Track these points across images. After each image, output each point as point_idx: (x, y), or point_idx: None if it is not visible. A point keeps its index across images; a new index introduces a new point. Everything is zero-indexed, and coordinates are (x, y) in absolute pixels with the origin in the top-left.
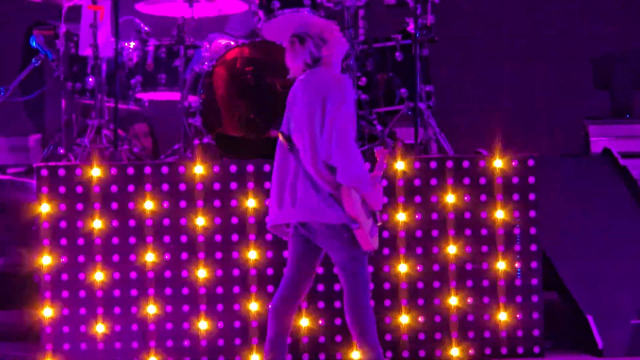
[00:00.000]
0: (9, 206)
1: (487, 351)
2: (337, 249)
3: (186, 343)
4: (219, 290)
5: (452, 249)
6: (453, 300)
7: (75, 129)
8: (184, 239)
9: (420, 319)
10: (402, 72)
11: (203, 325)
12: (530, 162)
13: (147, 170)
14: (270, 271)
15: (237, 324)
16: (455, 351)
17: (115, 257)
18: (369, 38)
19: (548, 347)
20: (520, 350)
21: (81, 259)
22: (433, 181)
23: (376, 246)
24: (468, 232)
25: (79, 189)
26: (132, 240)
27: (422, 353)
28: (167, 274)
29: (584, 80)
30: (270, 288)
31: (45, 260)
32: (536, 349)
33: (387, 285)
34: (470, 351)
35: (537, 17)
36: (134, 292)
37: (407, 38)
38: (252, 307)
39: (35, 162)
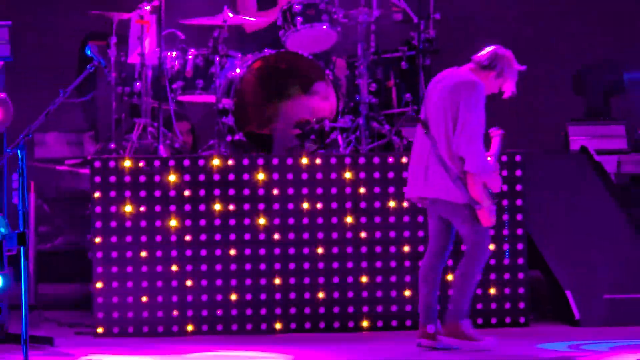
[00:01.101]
0: (66, 193)
1: (479, 321)
2: (460, 223)
3: (219, 312)
4: (247, 266)
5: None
6: (451, 278)
7: (124, 126)
8: (217, 222)
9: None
10: (407, 79)
11: (233, 297)
12: (518, 158)
13: (186, 162)
14: (291, 250)
15: (262, 296)
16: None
17: (158, 238)
18: (379, 50)
19: (532, 318)
20: (507, 320)
21: (128, 239)
22: None
23: (494, 222)
24: None
25: (127, 179)
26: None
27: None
28: (203, 252)
29: (564, 87)
30: (292, 265)
31: (97, 240)
32: (522, 319)
33: (393, 264)
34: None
35: (525, 33)
36: (174, 268)
37: (411, 50)
38: (276, 281)
39: (89, 155)
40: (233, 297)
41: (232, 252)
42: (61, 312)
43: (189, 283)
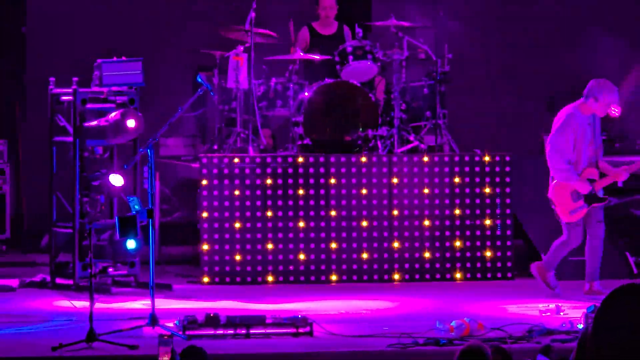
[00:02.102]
0: (182, 181)
1: (478, 275)
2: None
3: (291, 267)
4: (312, 235)
5: (457, 211)
6: (458, 244)
7: (224, 133)
8: (290, 202)
9: (437, 254)
10: (428, 101)
11: (302, 256)
12: (507, 158)
13: (268, 159)
14: (344, 223)
15: (322, 256)
16: (458, 275)
17: (247, 213)
18: (408, 80)
19: (516, 273)
20: (499, 275)
21: (226, 214)
22: (446, 169)
23: (574, 220)
24: (468, 200)
25: (225, 171)
26: (258, 203)
27: (437, 275)
28: (280, 224)
29: (541, 106)
30: (344, 234)
31: (204, 214)
32: (509, 275)
33: (416, 233)
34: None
35: (514, 63)
36: (259, 235)
37: (431, 80)
38: (332, 246)
39: (199, 154)
40: (301, 256)
41: (301, 224)
42: (177, 266)
43: (269, 246)
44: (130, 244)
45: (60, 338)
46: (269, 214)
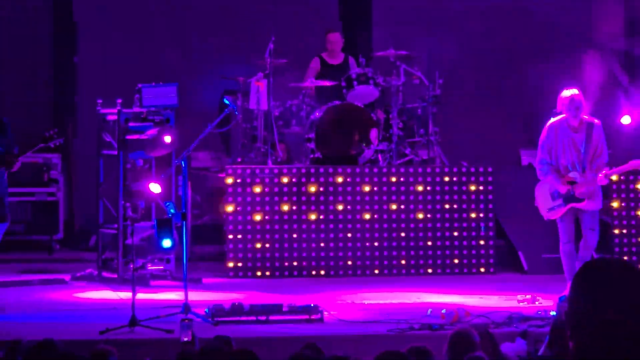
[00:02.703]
0: (210, 189)
1: (465, 270)
2: None
3: (304, 263)
4: (322, 235)
5: (447, 215)
6: (447, 242)
7: (247, 148)
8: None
9: (429, 252)
10: (421, 121)
11: (312, 253)
12: (490, 169)
13: (285, 170)
14: (349, 224)
15: (331, 254)
16: (448, 269)
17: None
18: (405, 101)
19: (497, 269)
20: (482, 269)
21: (248, 217)
22: (437, 179)
23: (553, 217)
24: (456, 205)
25: (248, 179)
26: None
27: (430, 270)
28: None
29: (518, 125)
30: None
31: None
32: (491, 270)
33: (412, 233)
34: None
35: (496, 87)
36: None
37: (424, 102)
38: (340, 245)
39: (225, 165)
40: (312, 253)
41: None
42: (206, 263)
43: (286, 245)
44: (166, 243)
45: (107, 323)
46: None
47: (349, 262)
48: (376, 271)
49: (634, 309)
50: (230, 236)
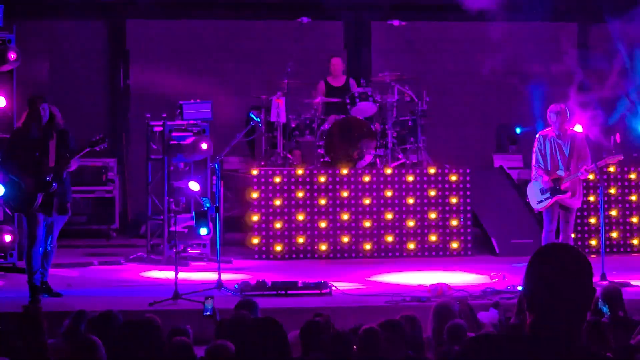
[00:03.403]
0: (239, 186)
1: (447, 253)
2: None
3: (316, 247)
4: (331, 224)
5: (433, 207)
6: (433, 230)
7: (269, 153)
8: (315, 200)
9: (418, 238)
10: (412, 131)
11: (323, 243)
12: (467, 170)
13: (300, 172)
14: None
15: (338, 239)
16: (433, 252)
17: (285, 209)
18: (398, 115)
19: (473, 252)
20: (462, 252)
21: (270, 209)
22: (425, 178)
23: (540, 209)
24: (440, 200)
25: (270, 179)
26: (293, 202)
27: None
28: (308, 210)
29: (492, 133)
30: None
31: (256, 207)
32: (469, 253)
33: (401, 219)
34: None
35: (473, 102)
36: (296, 221)
37: (414, 115)
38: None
39: (251, 168)
40: (323, 243)
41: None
42: (235, 247)
43: (301, 232)
44: (203, 231)
45: (154, 296)
46: (301, 213)
47: (353, 246)
48: (375, 254)
49: (577, 286)
50: (256, 225)
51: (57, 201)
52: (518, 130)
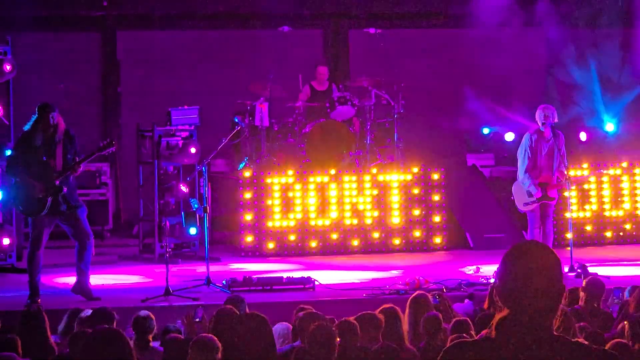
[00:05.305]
0: (225, 188)
1: (425, 248)
2: None
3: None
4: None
5: (409, 205)
6: (412, 227)
7: (254, 155)
8: (298, 201)
9: (398, 234)
10: (388, 132)
11: (314, 238)
12: (442, 169)
13: (283, 172)
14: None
15: (320, 236)
16: (410, 247)
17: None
18: (375, 118)
19: (451, 247)
20: (438, 248)
21: (262, 206)
22: (402, 177)
23: (525, 210)
24: (417, 198)
25: (255, 180)
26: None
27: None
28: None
29: (464, 136)
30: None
31: (244, 205)
32: (445, 247)
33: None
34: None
35: (446, 107)
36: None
37: (390, 118)
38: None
39: (237, 169)
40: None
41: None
42: (223, 245)
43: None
44: (192, 230)
45: (147, 293)
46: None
47: (335, 242)
48: (362, 250)
49: (548, 280)
50: (244, 222)
51: (64, 204)
52: (486, 131)
